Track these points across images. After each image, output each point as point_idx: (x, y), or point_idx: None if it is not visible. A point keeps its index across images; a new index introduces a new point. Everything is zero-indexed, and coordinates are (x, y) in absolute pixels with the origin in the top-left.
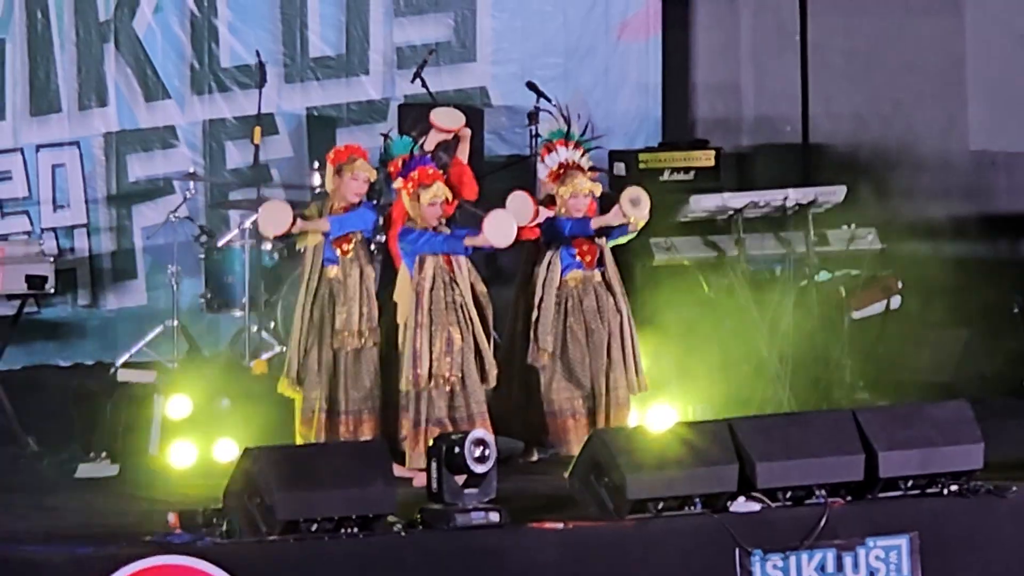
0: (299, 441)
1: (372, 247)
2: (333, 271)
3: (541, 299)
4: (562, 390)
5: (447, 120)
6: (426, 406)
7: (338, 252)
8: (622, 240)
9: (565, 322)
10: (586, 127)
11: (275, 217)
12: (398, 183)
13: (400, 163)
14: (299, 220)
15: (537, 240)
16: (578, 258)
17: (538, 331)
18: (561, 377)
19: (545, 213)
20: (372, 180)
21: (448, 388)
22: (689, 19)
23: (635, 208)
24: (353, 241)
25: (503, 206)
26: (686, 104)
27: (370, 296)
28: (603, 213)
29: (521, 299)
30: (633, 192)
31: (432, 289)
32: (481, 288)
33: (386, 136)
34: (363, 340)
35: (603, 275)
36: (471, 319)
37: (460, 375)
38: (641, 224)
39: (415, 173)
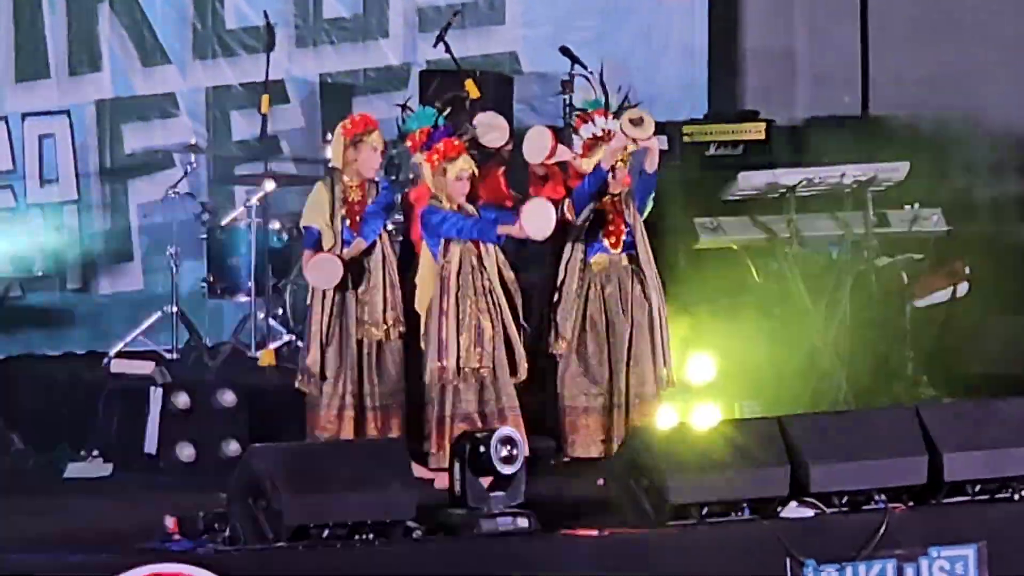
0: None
1: (391, 227)
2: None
3: (563, 281)
4: (575, 385)
5: (491, 135)
6: (452, 400)
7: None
8: (649, 205)
9: (585, 311)
10: (625, 97)
11: (325, 274)
12: (419, 157)
13: (421, 135)
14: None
15: (566, 223)
16: (603, 240)
17: (557, 316)
18: (576, 371)
19: (565, 152)
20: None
21: (477, 381)
22: None
23: (636, 128)
24: None
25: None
26: (735, 71)
27: (394, 283)
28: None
29: (549, 285)
30: (633, 112)
31: (459, 274)
32: (509, 274)
33: (404, 106)
34: (388, 330)
35: (632, 258)
36: (500, 306)
37: (491, 367)
38: (651, 145)
39: (440, 145)
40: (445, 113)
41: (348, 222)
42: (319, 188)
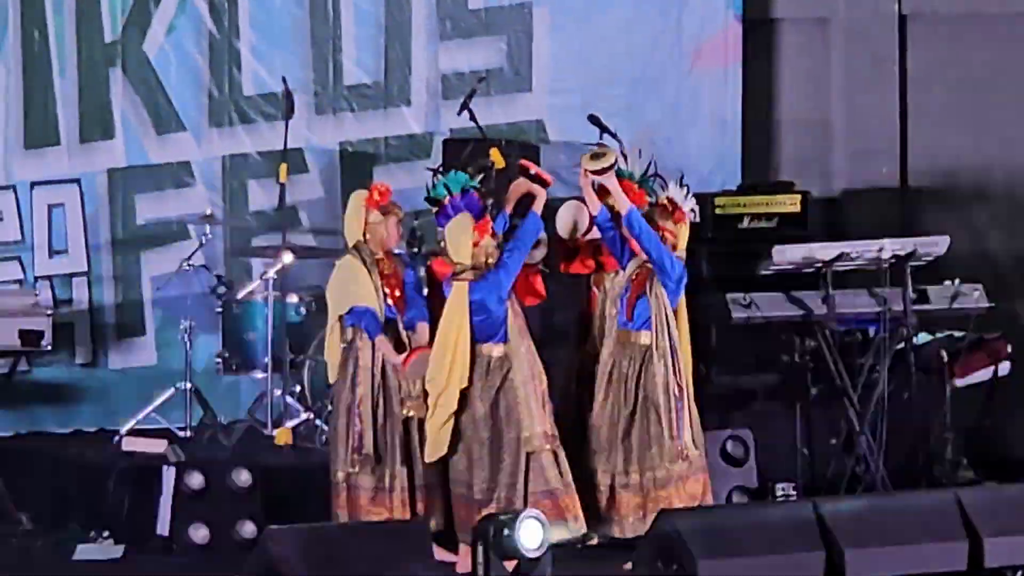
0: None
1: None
2: None
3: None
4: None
5: (535, 252)
6: (535, 474)
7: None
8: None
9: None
10: (648, 166)
11: (422, 368)
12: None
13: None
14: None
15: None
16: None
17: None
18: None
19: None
20: None
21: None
22: (773, 45)
23: (595, 161)
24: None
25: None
26: (769, 141)
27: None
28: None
29: (576, 359)
30: (595, 150)
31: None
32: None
33: (436, 171)
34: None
35: (651, 337)
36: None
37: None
38: (606, 182)
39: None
40: (478, 180)
41: (389, 299)
42: (354, 264)
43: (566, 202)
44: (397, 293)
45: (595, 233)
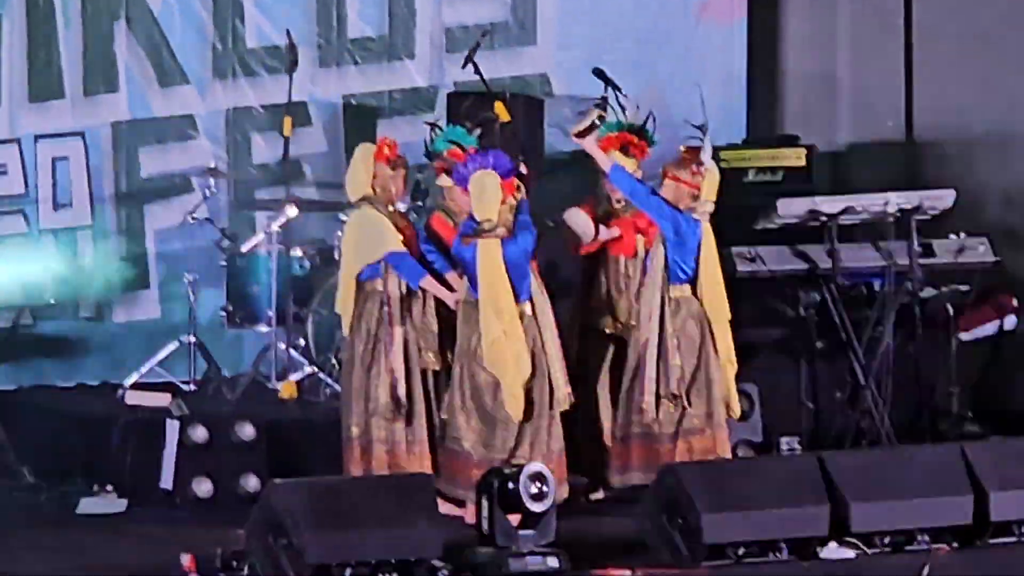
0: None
1: None
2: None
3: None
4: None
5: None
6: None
7: None
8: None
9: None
10: (647, 118)
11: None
12: (445, 180)
13: (450, 158)
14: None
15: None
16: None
17: None
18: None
19: (607, 233)
20: None
21: None
22: None
23: (577, 124)
24: None
25: (563, 209)
26: (775, 96)
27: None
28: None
29: (577, 316)
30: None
31: None
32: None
33: (434, 125)
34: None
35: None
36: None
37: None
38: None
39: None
40: (476, 134)
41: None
42: (373, 214)
43: (569, 212)
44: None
45: (604, 235)
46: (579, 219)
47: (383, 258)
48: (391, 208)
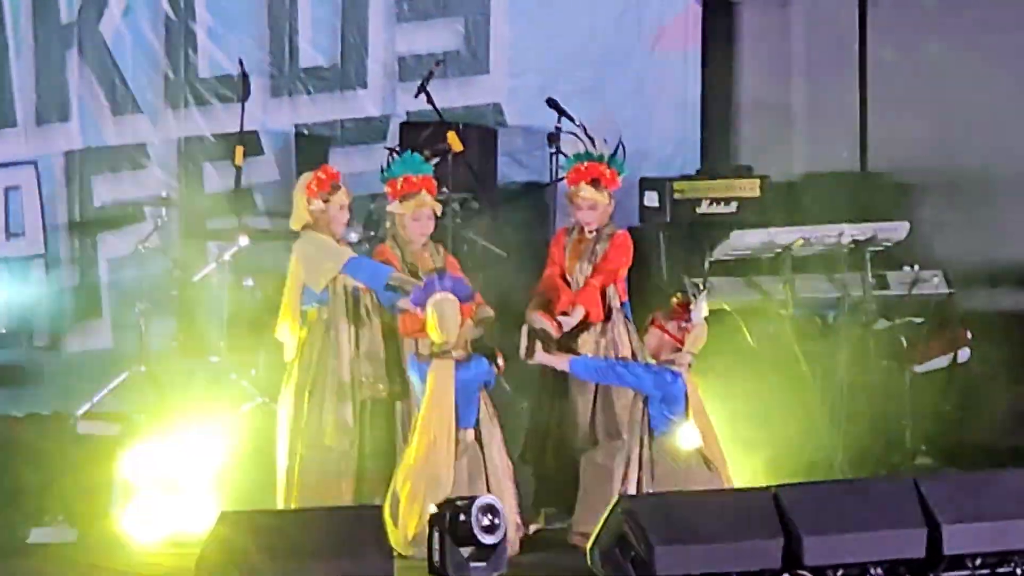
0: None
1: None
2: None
3: None
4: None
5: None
6: None
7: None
8: None
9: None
10: (617, 147)
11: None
12: (396, 206)
13: (404, 183)
14: None
15: None
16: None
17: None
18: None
19: (568, 322)
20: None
21: None
22: (734, 28)
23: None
24: None
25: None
26: (729, 125)
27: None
28: None
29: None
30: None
31: None
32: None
33: (393, 150)
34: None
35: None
36: None
37: None
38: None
39: (399, 180)
40: (433, 162)
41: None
42: (320, 236)
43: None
44: None
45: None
46: (538, 323)
47: (344, 266)
48: (337, 240)
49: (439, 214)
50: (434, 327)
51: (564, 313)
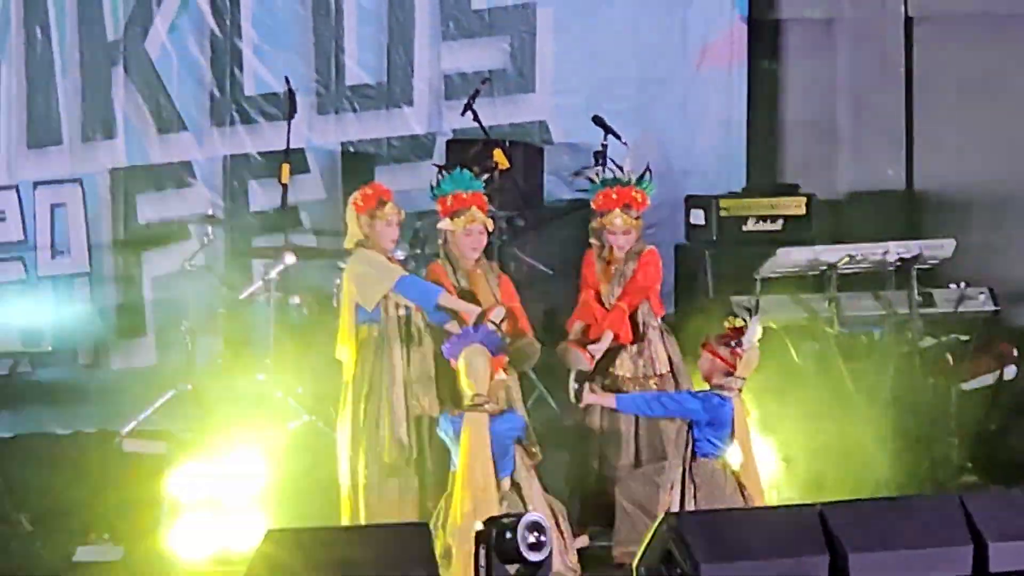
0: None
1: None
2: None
3: None
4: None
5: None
6: None
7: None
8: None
9: None
10: (644, 171)
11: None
12: (447, 224)
13: (454, 200)
14: None
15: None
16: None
17: None
18: None
19: (598, 348)
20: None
21: None
22: (779, 46)
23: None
24: None
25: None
26: (774, 144)
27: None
28: None
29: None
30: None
31: None
32: None
33: (441, 168)
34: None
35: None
36: None
37: None
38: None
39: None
40: (483, 179)
41: None
42: (373, 253)
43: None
44: None
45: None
46: (572, 358)
47: (394, 285)
48: (387, 256)
49: (491, 230)
50: (465, 379)
51: (594, 341)
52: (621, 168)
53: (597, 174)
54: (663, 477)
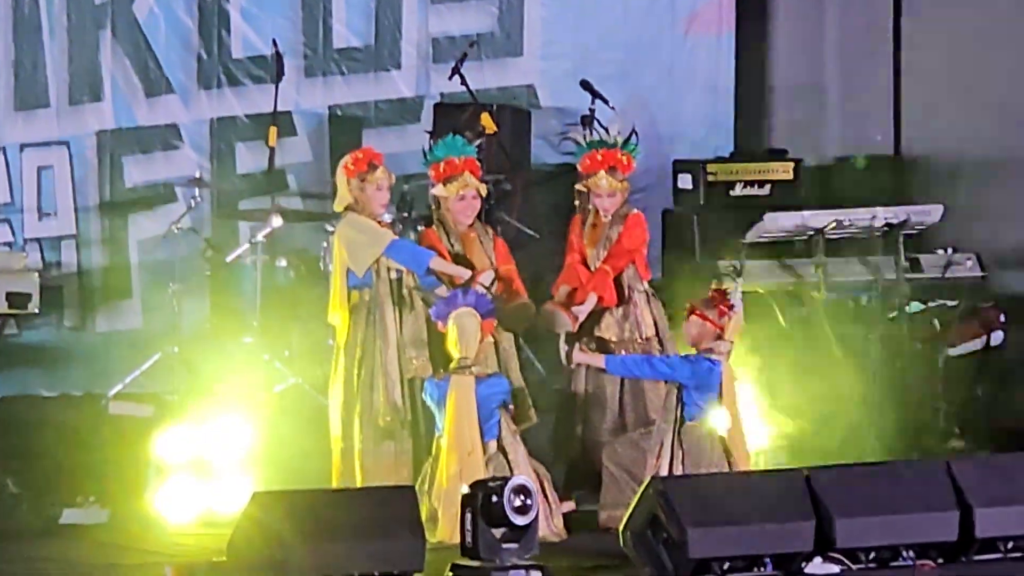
0: None
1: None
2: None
3: None
4: None
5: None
6: None
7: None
8: None
9: None
10: (630, 134)
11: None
12: (440, 189)
13: (446, 166)
14: None
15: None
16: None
17: None
18: None
19: (581, 310)
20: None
21: None
22: (767, 12)
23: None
24: None
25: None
26: (762, 108)
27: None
28: None
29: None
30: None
31: None
32: None
33: (430, 134)
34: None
35: None
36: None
37: None
38: None
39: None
40: (475, 144)
41: None
42: (362, 218)
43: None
44: None
45: (583, 312)
46: (556, 319)
47: (385, 249)
48: (377, 220)
49: (483, 195)
50: (454, 341)
51: (579, 304)
52: (607, 130)
53: (585, 137)
54: (649, 442)
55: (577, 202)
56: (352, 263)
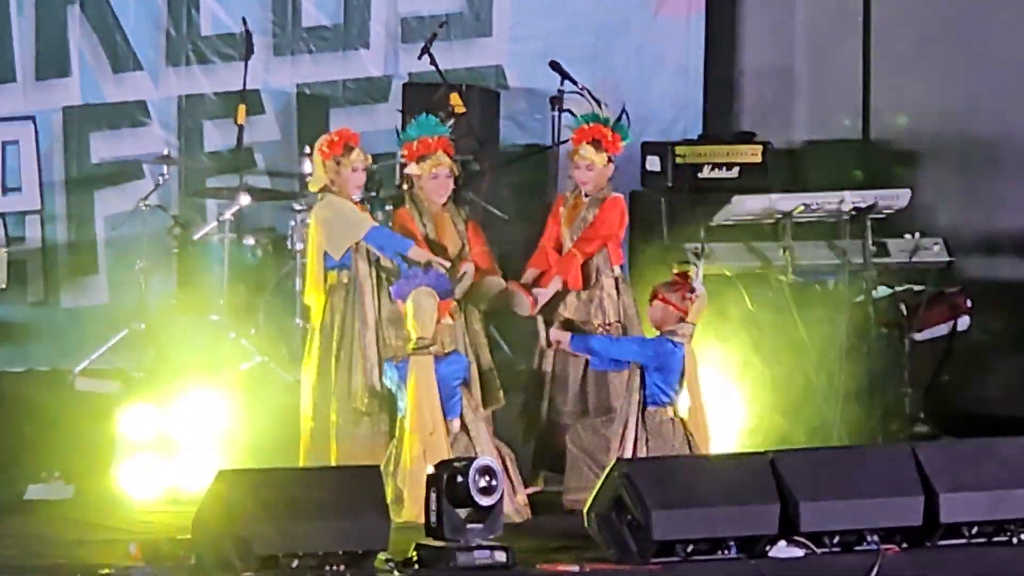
0: None
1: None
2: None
3: None
4: None
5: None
6: None
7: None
8: None
9: None
10: (621, 113)
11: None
12: (413, 168)
13: (419, 145)
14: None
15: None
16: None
17: None
18: None
19: (543, 293)
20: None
21: None
22: None
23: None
24: None
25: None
26: (731, 91)
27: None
28: None
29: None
30: None
31: None
32: None
33: (406, 112)
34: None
35: None
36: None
37: None
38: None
39: (415, 143)
40: (448, 124)
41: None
42: (342, 201)
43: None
44: None
45: (545, 295)
46: (515, 301)
47: (364, 235)
48: (354, 202)
49: (456, 174)
50: (411, 320)
51: (541, 285)
52: (599, 103)
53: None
54: (612, 429)
55: (569, 179)
56: (329, 246)
